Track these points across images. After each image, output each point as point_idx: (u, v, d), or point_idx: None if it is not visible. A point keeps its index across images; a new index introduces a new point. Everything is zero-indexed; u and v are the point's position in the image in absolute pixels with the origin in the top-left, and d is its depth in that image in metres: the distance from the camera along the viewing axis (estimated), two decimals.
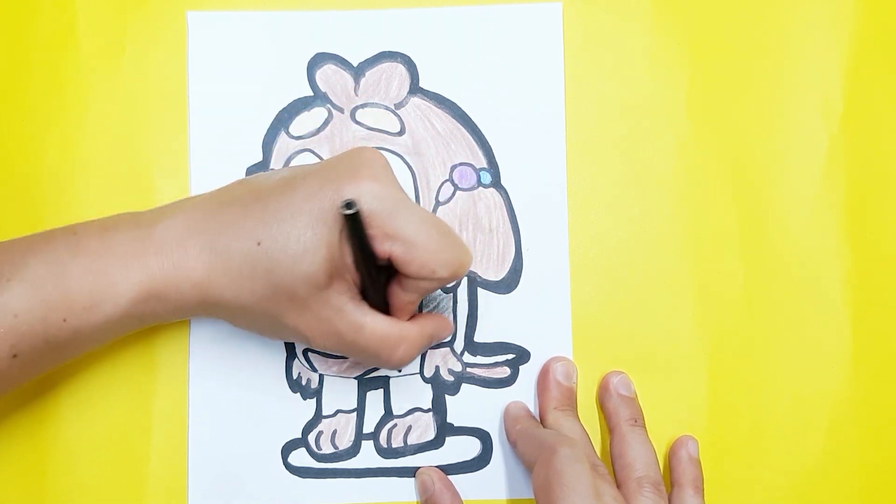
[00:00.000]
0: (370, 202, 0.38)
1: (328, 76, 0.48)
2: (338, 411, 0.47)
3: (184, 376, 0.46)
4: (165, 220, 0.40)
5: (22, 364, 0.39)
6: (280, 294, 0.39)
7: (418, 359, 0.47)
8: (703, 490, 0.44)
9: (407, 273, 0.39)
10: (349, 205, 0.36)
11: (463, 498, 0.45)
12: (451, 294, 0.47)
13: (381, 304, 0.41)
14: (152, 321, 0.41)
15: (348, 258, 0.39)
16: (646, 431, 0.45)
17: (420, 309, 0.47)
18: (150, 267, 0.39)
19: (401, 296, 0.41)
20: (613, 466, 0.44)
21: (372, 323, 0.40)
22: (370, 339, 0.40)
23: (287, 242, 0.38)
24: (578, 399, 0.46)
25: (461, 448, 0.47)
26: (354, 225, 0.37)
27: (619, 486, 0.43)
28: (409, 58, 0.48)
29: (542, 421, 0.46)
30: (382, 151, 0.47)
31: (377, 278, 0.40)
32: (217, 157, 0.47)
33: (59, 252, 0.39)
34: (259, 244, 0.39)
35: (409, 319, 0.42)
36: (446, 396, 0.47)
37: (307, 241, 0.38)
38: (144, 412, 0.46)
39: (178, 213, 0.41)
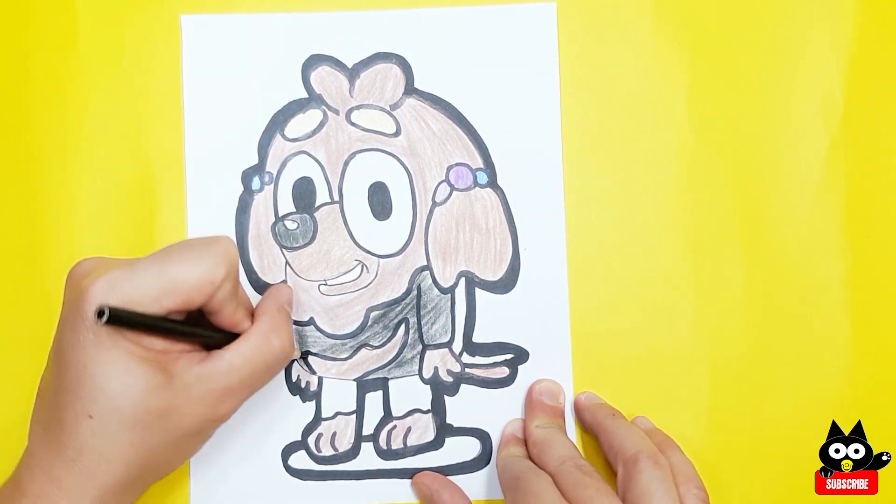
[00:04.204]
0: (106, 293, 0.37)
1: (323, 78, 0.47)
2: (337, 413, 0.47)
3: None
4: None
5: None
6: (152, 444, 0.39)
7: (417, 360, 0.47)
8: None
9: (198, 305, 0.39)
10: (100, 314, 0.35)
11: None
12: (449, 294, 0.47)
13: (224, 337, 0.41)
14: None
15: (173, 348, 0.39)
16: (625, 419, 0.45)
17: (419, 309, 0.47)
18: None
19: (220, 317, 0.41)
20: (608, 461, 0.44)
21: (231, 356, 0.40)
22: (246, 366, 0.40)
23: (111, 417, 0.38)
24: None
25: (461, 449, 0.47)
26: (125, 322, 0.36)
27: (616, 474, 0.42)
28: (403, 59, 0.47)
29: (526, 439, 0.46)
30: (378, 153, 0.47)
31: (196, 330, 0.40)
32: (213, 159, 0.47)
33: None
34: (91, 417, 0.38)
35: (252, 318, 0.42)
36: (445, 397, 0.47)
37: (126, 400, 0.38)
38: None
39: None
